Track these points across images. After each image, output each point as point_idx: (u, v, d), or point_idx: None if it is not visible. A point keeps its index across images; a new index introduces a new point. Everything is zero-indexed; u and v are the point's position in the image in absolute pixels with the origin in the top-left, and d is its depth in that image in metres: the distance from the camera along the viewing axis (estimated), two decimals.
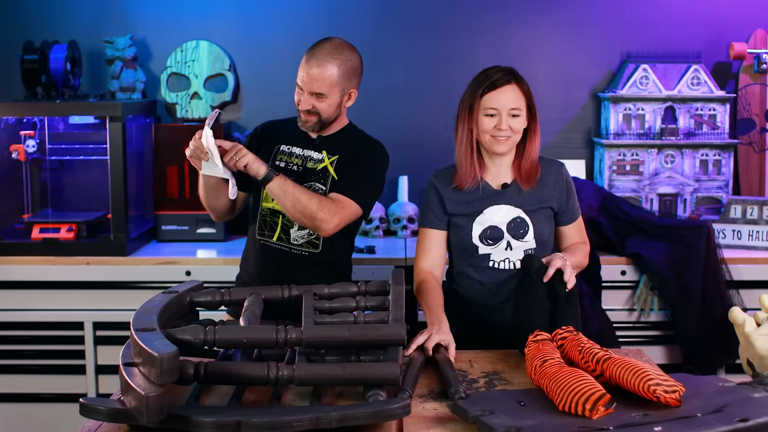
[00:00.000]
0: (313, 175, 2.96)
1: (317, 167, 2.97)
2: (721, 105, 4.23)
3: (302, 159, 2.99)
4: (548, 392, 2.05)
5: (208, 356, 2.34)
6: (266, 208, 2.99)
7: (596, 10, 4.38)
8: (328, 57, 2.87)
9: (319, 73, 2.86)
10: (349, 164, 2.96)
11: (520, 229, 2.81)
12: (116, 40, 4.26)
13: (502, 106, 2.76)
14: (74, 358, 3.84)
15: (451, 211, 2.87)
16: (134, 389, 1.83)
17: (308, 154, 2.99)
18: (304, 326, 2.18)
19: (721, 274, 3.75)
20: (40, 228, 3.90)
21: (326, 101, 2.90)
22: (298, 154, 3.00)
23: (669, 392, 1.96)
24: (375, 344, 2.18)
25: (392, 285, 2.49)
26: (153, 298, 2.35)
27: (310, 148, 3.00)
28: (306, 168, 2.97)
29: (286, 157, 3.01)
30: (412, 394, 2.14)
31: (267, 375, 2.00)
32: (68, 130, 4.18)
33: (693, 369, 3.68)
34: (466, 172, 2.84)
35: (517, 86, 2.78)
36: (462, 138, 2.84)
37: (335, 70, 2.87)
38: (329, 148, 2.99)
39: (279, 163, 3.00)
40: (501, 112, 2.76)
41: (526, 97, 2.80)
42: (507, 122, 2.76)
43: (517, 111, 2.77)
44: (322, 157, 2.97)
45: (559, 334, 2.32)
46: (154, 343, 1.91)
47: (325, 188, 2.93)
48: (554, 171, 2.90)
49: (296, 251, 2.97)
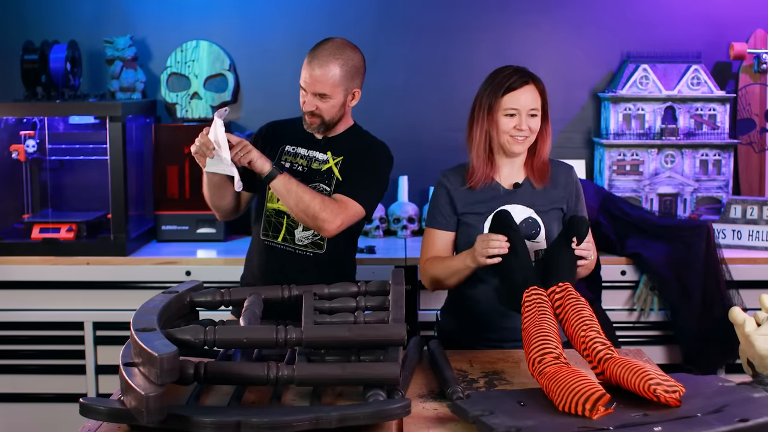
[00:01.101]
0: (317, 176, 2.96)
1: (322, 168, 2.97)
2: (721, 105, 4.23)
3: (307, 160, 2.99)
4: (548, 392, 2.05)
5: (208, 356, 2.34)
6: (271, 208, 2.99)
7: (596, 10, 4.38)
8: (330, 57, 2.87)
9: (322, 74, 2.86)
10: (352, 165, 2.96)
11: (531, 229, 2.78)
12: (116, 40, 4.27)
13: (522, 106, 2.75)
14: (74, 358, 3.84)
15: (461, 211, 2.84)
16: (134, 389, 1.83)
17: (313, 155, 2.99)
18: (304, 326, 2.18)
19: (721, 274, 3.75)
20: (40, 228, 3.90)
21: (329, 102, 2.90)
22: (303, 154, 3.01)
23: (669, 392, 1.96)
24: (375, 344, 2.18)
25: (392, 285, 2.49)
26: (153, 298, 2.35)
27: (315, 149, 3.01)
28: (311, 169, 2.98)
29: (290, 158, 3.01)
30: (405, 394, 2.14)
31: (267, 375, 2.00)
32: (68, 130, 4.18)
33: (693, 369, 3.68)
34: (481, 172, 2.83)
35: (534, 86, 2.78)
36: (479, 138, 2.82)
37: (337, 70, 2.87)
38: (334, 149, 2.99)
39: (284, 163, 3.00)
40: (521, 112, 2.75)
41: (542, 97, 2.79)
42: (527, 122, 2.76)
43: (535, 111, 2.76)
44: (327, 158, 2.97)
45: (556, 292, 2.35)
46: (154, 343, 1.91)
47: (329, 189, 2.93)
48: (564, 173, 2.89)
49: (301, 252, 2.97)
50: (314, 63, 2.87)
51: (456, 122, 4.37)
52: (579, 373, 2.04)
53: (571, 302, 2.30)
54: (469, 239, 2.76)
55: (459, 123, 4.36)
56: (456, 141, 4.35)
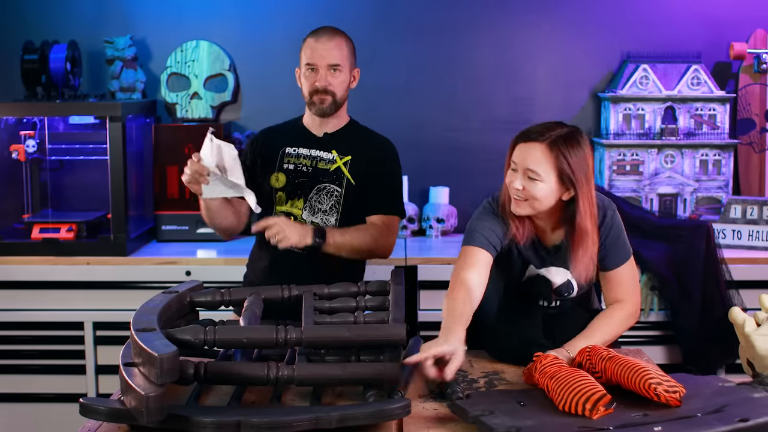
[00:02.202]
0: (326, 176, 2.96)
1: (330, 168, 2.97)
2: (721, 105, 4.23)
3: (311, 159, 2.99)
4: (548, 392, 2.05)
5: (208, 356, 2.34)
6: (280, 211, 2.98)
7: (596, 10, 4.38)
8: (335, 33, 2.98)
9: (335, 45, 2.94)
10: (365, 169, 2.97)
11: (565, 291, 2.59)
12: (116, 40, 4.26)
13: (519, 162, 2.41)
14: (74, 358, 3.84)
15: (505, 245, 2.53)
16: (134, 389, 1.83)
17: (317, 154, 2.99)
18: (304, 326, 2.19)
19: (721, 274, 3.75)
20: (40, 228, 3.90)
21: (341, 76, 2.95)
22: (306, 154, 3.00)
23: (670, 392, 1.96)
24: (375, 344, 2.18)
25: (392, 285, 2.49)
26: (153, 298, 2.35)
27: (317, 148, 3.01)
28: (317, 168, 2.97)
29: (293, 159, 3.01)
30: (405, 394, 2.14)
31: (267, 375, 2.00)
32: (68, 130, 4.18)
33: (693, 369, 3.68)
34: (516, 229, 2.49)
35: (545, 148, 2.38)
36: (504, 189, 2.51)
37: (345, 43, 2.98)
38: (338, 147, 3.00)
39: (287, 165, 2.99)
40: (518, 168, 2.42)
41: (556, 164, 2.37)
42: (521, 182, 2.40)
43: (534, 175, 2.38)
44: (333, 158, 2.97)
45: None
46: (154, 343, 1.91)
47: (340, 190, 2.93)
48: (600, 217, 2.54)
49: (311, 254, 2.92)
50: (323, 37, 2.95)
51: (457, 122, 4.40)
52: (580, 373, 2.05)
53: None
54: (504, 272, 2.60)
55: (460, 123, 4.41)
56: (457, 141, 4.39)
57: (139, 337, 1.96)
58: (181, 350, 1.92)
